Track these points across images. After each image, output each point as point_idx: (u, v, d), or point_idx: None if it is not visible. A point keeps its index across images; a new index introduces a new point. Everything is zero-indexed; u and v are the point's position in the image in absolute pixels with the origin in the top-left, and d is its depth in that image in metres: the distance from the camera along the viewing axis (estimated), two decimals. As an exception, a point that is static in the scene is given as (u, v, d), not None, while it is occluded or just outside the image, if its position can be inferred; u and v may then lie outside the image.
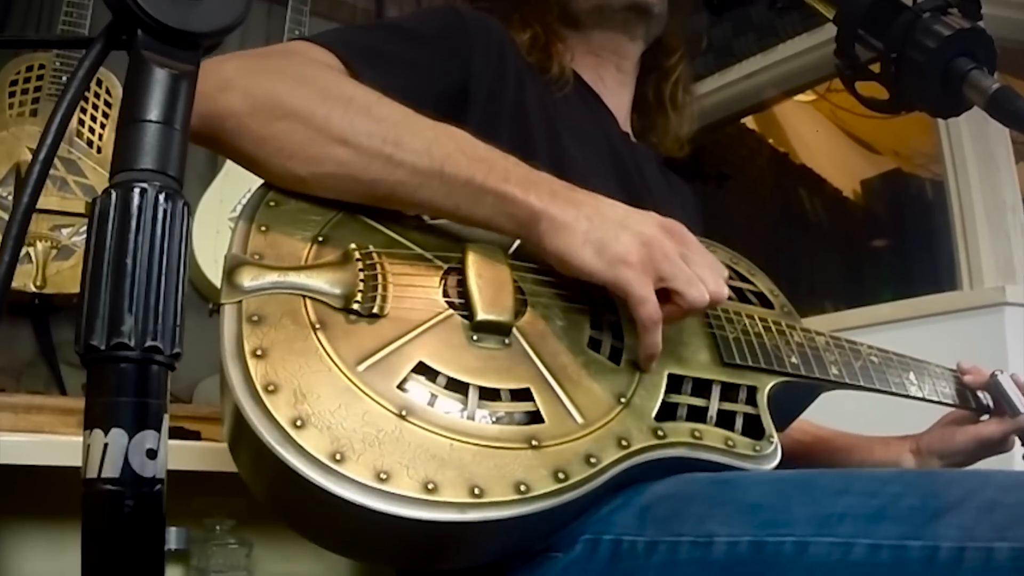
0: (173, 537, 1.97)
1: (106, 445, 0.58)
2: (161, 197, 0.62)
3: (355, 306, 1.00)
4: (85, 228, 1.10)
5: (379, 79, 1.14)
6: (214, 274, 2.57)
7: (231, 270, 1.00)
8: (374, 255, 1.06)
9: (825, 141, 4.09)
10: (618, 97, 1.64)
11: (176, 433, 2.05)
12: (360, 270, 1.04)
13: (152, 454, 0.59)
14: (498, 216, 1.08)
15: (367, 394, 0.94)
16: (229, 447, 0.99)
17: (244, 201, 1.08)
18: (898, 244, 3.60)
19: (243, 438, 0.91)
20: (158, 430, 0.60)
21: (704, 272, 1.08)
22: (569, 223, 1.06)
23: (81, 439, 0.59)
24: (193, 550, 2.02)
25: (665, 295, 1.07)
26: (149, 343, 0.60)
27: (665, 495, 1.02)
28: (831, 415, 1.58)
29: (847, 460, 1.67)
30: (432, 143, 1.07)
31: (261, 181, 1.10)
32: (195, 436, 2.10)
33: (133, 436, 0.58)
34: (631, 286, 1.04)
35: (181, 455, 1.81)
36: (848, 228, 3.97)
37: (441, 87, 1.28)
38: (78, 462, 0.59)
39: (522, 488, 0.93)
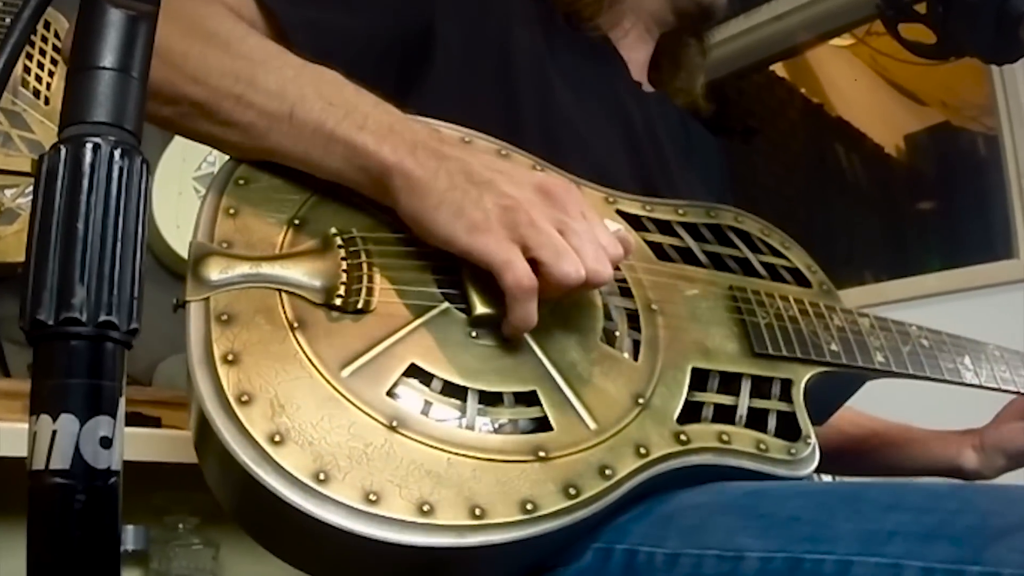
0: (130, 536, 1.98)
1: (54, 432, 0.58)
2: (116, 153, 0.62)
3: (337, 301, 1.00)
4: (31, 189, 1.10)
5: (302, 23, 1.13)
6: (176, 240, 2.57)
7: (196, 261, 0.99)
8: (358, 240, 1.05)
9: (864, 91, 4.08)
10: (636, 51, 1.64)
11: (133, 419, 2.05)
12: (343, 258, 1.03)
13: (106, 443, 0.59)
14: (349, 169, 1.06)
15: (353, 403, 0.94)
16: (195, 449, 0.99)
17: (209, 159, 1.08)
18: (947, 207, 3.60)
19: (212, 450, 0.91)
20: (113, 416, 0.60)
21: (583, 244, 1.02)
22: (426, 182, 1.02)
23: (26, 426, 0.59)
24: (153, 551, 2.03)
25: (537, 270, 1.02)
26: (103, 318, 0.60)
27: (691, 504, 1.02)
28: (880, 401, 1.59)
29: (900, 455, 1.67)
30: (288, 83, 1.05)
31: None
32: (155, 423, 2.10)
33: (85, 423, 0.58)
34: (489, 252, 1.00)
35: (139, 444, 1.82)
36: (890, 189, 3.97)
37: (390, 26, 1.26)
38: (23, 452, 0.59)
39: (528, 507, 0.92)
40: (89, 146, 0.61)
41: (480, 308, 1.03)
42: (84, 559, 0.58)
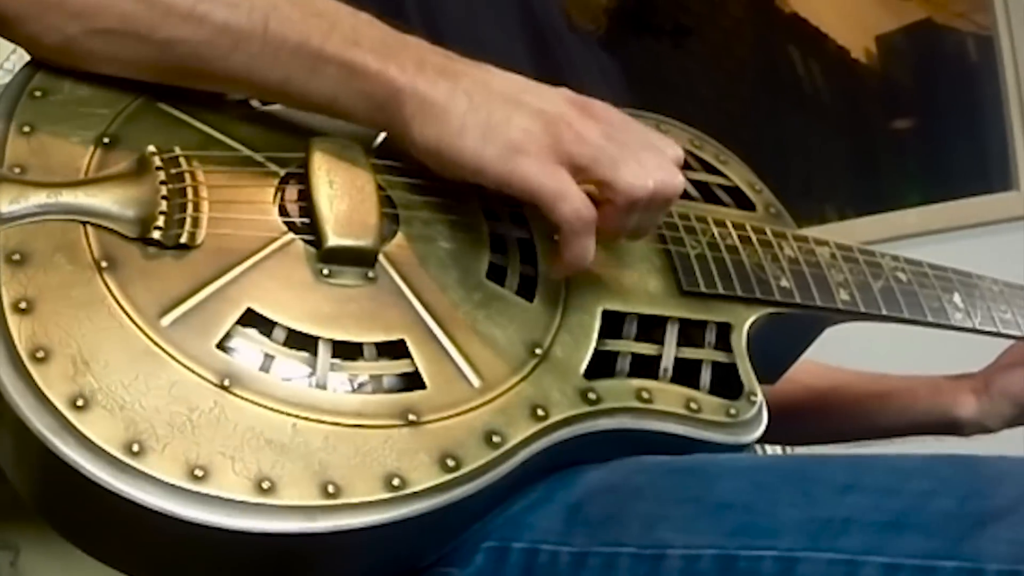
0: None
1: None
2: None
3: (155, 234, 0.99)
4: None
5: None
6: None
7: None
8: (181, 160, 1.04)
9: (826, -21, 4.13)
10: None
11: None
12: (162, 182, 1.02)
13: None
14: (346, 94, 1.06)
15: (175, 358, 0.94)
16: None
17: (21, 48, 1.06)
18: (928, 125, 3.66)
19: (3, 420, 0.91)
20: None
21: (640, 153, 1.06)
22: (442, 103, 1.03)
23: None
24: (-73, 560, 2.02)
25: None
26: None
27: (601, 488, 1.03)
28: (839, 355, 1.63)
29: (881, 410, 1.69)
30: None
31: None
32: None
33: None
34: (534, 180, 1.02)
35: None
36: (858, 103, 4.02)
37: None
38: None
39: (395, 482, 0.93)
40: None
41: (333, 239, 1.04)
42: None
